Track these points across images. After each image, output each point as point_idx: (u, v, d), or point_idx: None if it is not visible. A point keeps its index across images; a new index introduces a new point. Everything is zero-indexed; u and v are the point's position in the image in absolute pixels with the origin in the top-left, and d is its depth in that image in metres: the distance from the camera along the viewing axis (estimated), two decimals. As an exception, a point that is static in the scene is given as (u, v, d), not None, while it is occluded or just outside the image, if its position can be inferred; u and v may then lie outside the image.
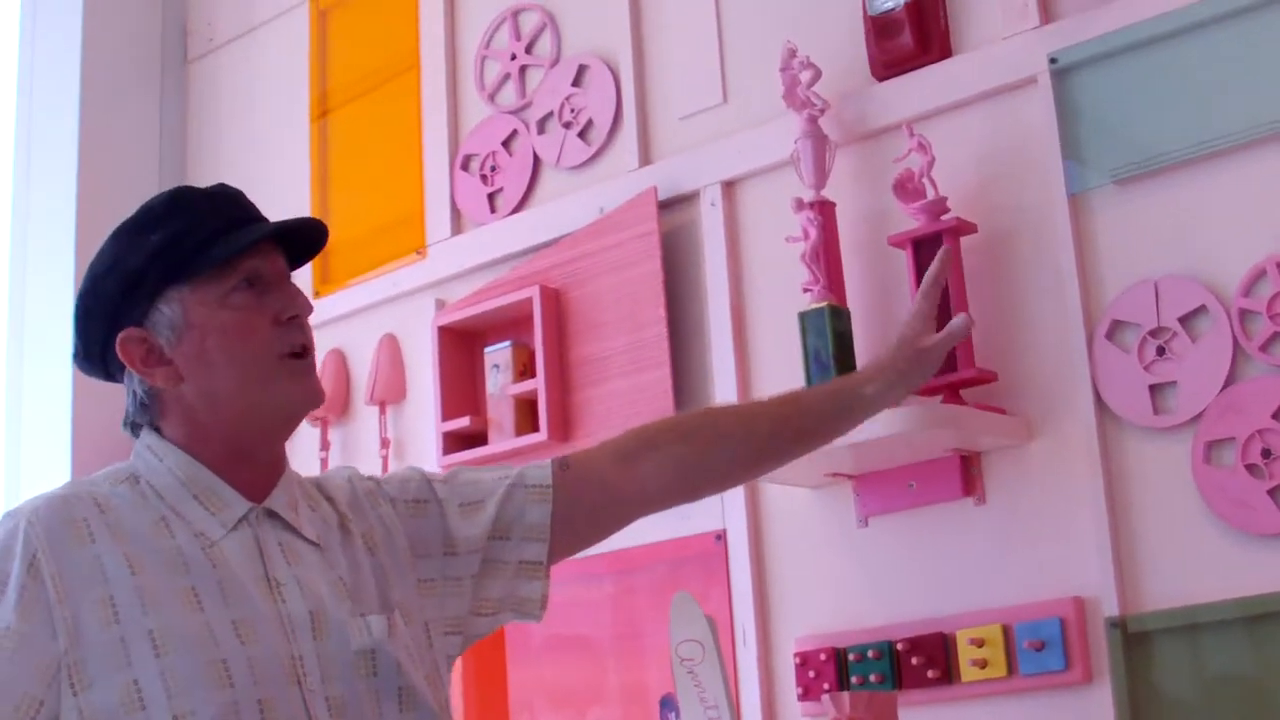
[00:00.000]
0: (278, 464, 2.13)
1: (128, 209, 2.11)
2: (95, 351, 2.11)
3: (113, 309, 2.07)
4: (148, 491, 2.04)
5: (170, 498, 2.04)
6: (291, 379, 2.08)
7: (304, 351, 2.09)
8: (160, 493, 2.04)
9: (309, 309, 2.11)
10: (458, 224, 3.76)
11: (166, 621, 1.93)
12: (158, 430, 2.09)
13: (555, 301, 3.43)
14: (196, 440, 2.07)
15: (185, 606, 1.95)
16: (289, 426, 2.14)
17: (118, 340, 2.05)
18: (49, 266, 4.25)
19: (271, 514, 2.08)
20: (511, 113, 3.71)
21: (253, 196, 2.13)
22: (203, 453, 2.06)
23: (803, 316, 2.93)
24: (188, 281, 2.05)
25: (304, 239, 2.16)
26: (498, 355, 3.49)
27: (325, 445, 3.85)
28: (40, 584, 1.91)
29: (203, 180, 4.27)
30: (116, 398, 2.13)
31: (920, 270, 2.84)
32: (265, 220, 2.12)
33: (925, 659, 2.82)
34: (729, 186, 3.27)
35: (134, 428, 2.13)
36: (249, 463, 2.09)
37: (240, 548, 2.03)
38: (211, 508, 2.04)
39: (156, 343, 2.06)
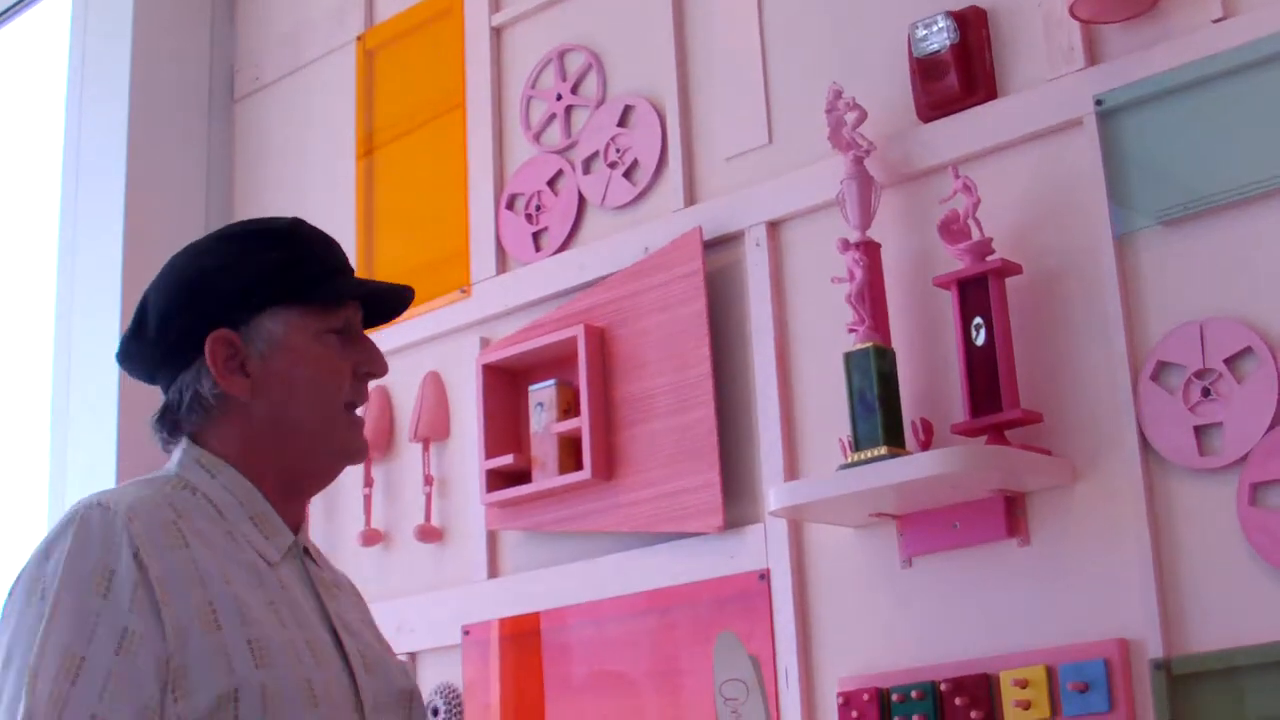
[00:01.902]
0: (305, 511, 2.16)
1: (175, 246, 2.14)
2: (168, 340, 2.06)
3: (217, 306, 2.04)
4: (205, 504, 2.01)
5: (229, 514, 2.01)
6: (350, 430, 2.10)
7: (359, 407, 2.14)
8: (219, 508, 2.01)
9: (385, 371, 2.15)
10: (502, 263, 3.77)
11: (263, 633, 1.89)
12: (196, 439, 2.06)
13: (600, 340, 3.45)
14: (250, 461, 2.05)
15: (274, 620, 1.93)
16: (334, 474, 2.15)
17: (210, 337, 2.02)
18: (96, 302, 4.28)
19: (305, 551, 2.10)
20: (557, 152, 3.73)
21: (299, 234, 2.16)
22: (255, 476, 2.05)
23: (848, 357, 2.93)
24: (298, 306, 2.06)
25: (392, 307, 2.20)
26: (542, 394, 3.50)
27: (369, 482, 3.86)
28: (148, 584, 1.86)
29: (249, 215, 4.34)
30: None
31: (965, 311, 2.84)
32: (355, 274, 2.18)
33: (969, 700, 2.81)
34: (774, 227, 3.28)
35: (172, 427, 2.09)
36: (292, 499, 2.10)
37: (293, 575, 2.04)
38: (265, 532, 2.03)
39: (245, 352, 2.04)
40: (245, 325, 2.04)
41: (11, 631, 1.86)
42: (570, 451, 3.45)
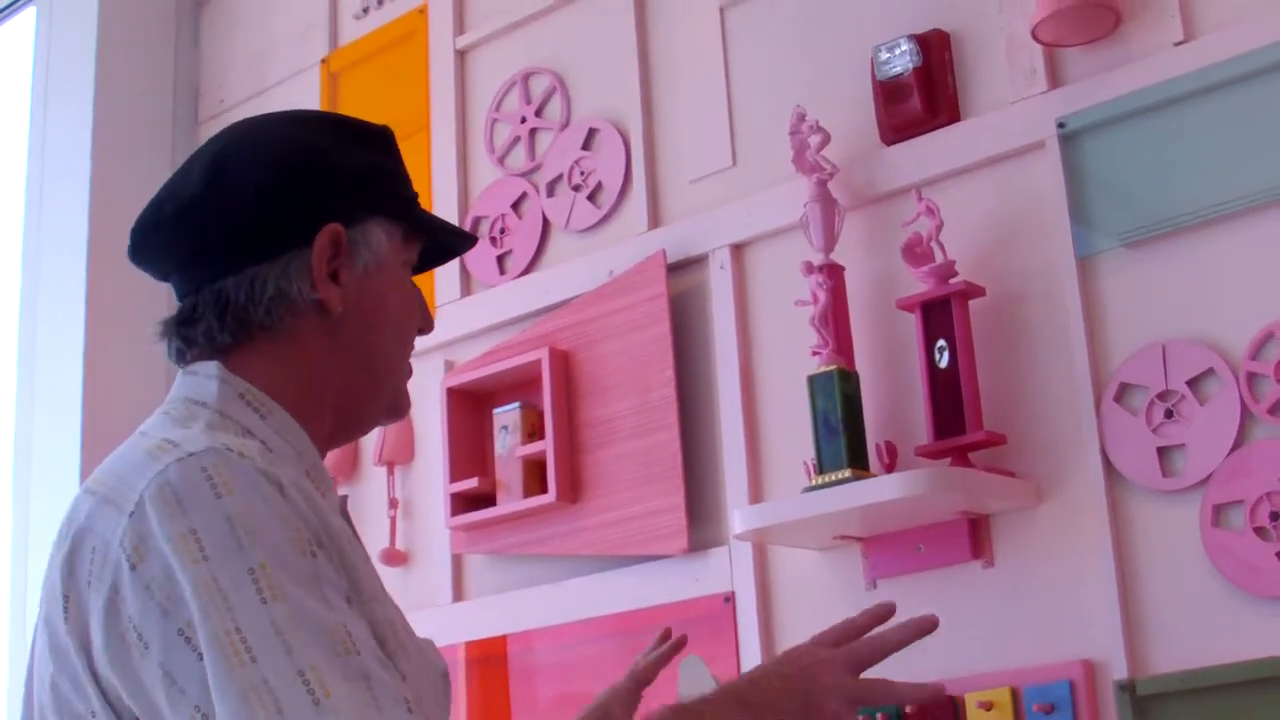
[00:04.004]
0: None
1: (139, 269, 1.89)
2: (259, 216, 1.66)
3: (333, 193, 1.69)
4: (265, 452, 1.60)
5: (291, 467, 1.61)
6: (406, 383, 1.82)
7: None
8: (280, 457, 1.62)
9: (432, 328, 1.88)
10: (467, 285, 3.77)
11: (393, 615, 1.58)
12: (230, 364, 1.67)
13: (564, 363, 3.44)
14: (305, 398, 1.69)
15: (387, 597, 1.61)
16: (371, 429, 1.85)
17: (327, 228, 1.67)
18: (58, 326, 4.27)
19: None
20: (521, 175, 3.73)
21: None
22: (306, 418, 1.69)
23: (811, 380, 2.93)
24: (399, 225, 1.76)
25: (435, 261, 1.90)
26: (506, 417, 3.49)
27: (333, 506, 3.85)
28: (324, 545, 1.50)
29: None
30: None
31: (929, 334, 2.85)
32: None
33: (934, 722, 2.81)
34: (738, 249, 3.28)
35: (236, 328, 1.67)
36: (327, 450, 1.75)
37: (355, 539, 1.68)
38: (321, 488, 1.66)
39: (344, 259, 1.69)
40: (354, 227, 1.69)
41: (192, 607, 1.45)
42: (535, 475, 3.44)
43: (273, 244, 1.66)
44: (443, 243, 1.89)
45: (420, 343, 3.70)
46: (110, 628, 1.49)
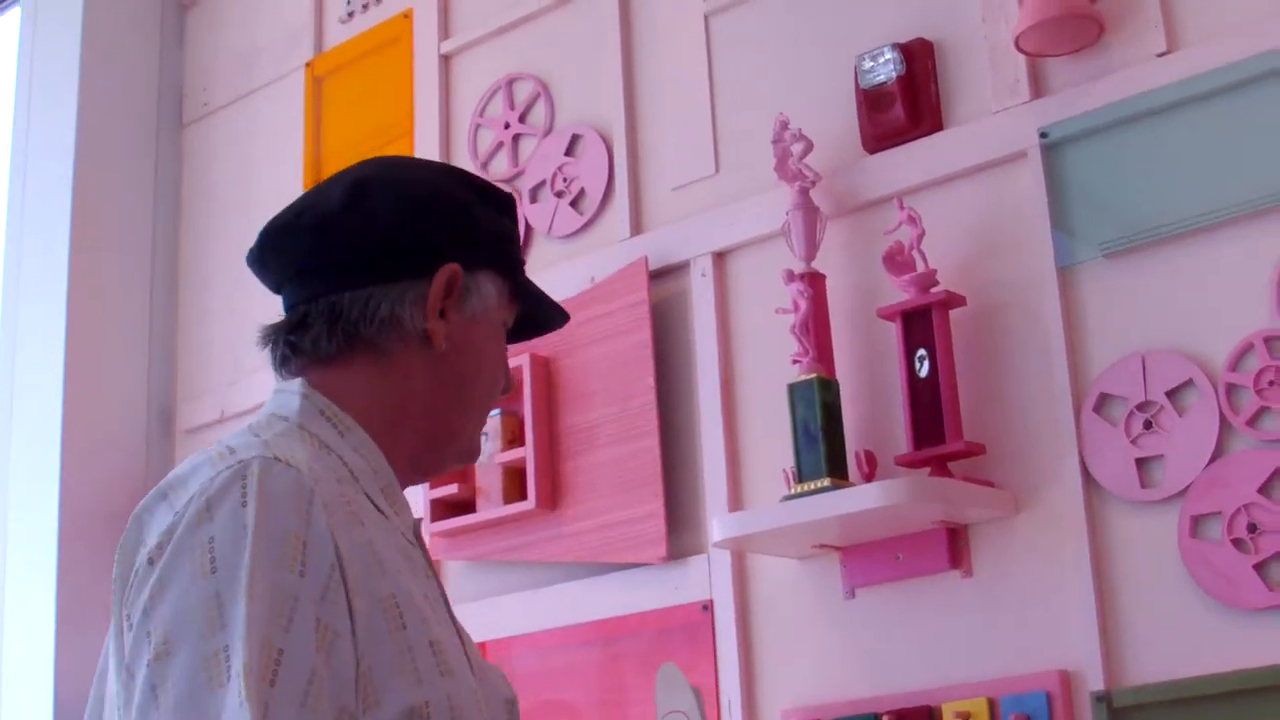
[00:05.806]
0: None
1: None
2: (389, 243, 1.75)
3: (459, 238, 1.79)
4: (340, 466, 1.68)
5: (363, 482, 1.69)
6: (481, 429, 1.89)
7: None
8: (354, 473, 1.69)
9: (510, 392, 1.93)
10: (449, 291, 3.75)
11: (439, 634, 1.61)
12: (316, 383, 1.75)
13: (545, 370, 3.44)
14: (390, 426, 1.75)
15: (436, 617, 1.64)
16: (441, 474, 1.97)
17: (449, 266, 1.76)
18: (40, 330, 4.25)
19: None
20: (504, 181, 3.72)
21: (248, 260, 2.08)
22: (387, 444, 1.75)
23: (791, 388, 2.93)
24: (508, 284, 1.85)
25: (536, 328, 1.97)
26: (487, 423, 3.47)
27: (313, 510, 3.83)
28: (341, 566, 1.54)
29: (196, 243, 4.31)
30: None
31: (909, 343, 2.85)
32: None
33: (911, 731, 2.81)
34: (720, 257, 3.28)
35: (346, 338, 1.74)
36: (411, 476, 1.81)
37: (422, 561, 1.75)
38: (395, 507, 1.73)
39: (459, 301, 1.78)
40: (470, 273, 1.79)
41: (171, 611, 1.50)
42: (515, 481, 3.43)
43: (394, 270, 1.75)
44: (535, 315, 1.94)
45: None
46: (119, 611, 1.57)
